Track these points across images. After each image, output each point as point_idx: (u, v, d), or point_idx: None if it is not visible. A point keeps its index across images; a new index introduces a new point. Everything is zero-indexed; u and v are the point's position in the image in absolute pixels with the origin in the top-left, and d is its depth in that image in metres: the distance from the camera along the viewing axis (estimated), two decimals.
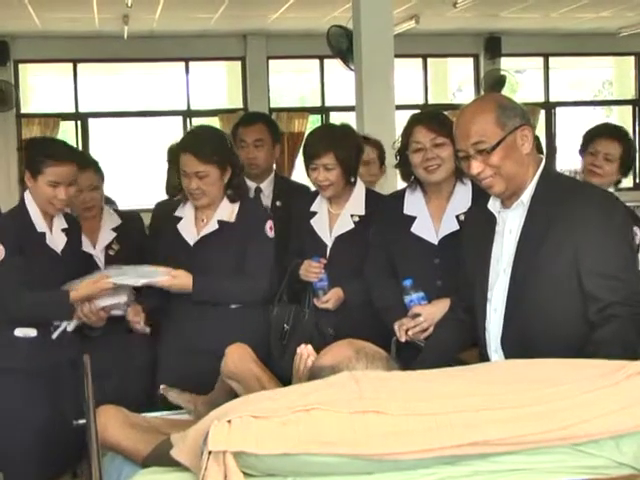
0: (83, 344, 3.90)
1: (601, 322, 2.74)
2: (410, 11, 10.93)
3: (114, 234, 4.42)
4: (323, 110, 13.38)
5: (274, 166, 5.17)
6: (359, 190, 4.15)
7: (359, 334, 3.48)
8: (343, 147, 4.02)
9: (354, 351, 2.60)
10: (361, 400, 2.02)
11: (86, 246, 4.29)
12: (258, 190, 4.96)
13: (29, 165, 3.84)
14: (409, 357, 3.30)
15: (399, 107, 7.55)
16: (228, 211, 3.95)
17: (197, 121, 13.25)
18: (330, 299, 4.00)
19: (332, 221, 4.14)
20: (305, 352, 2.91)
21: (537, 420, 2.07)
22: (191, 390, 3.53)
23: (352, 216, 4.09)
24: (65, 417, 2.86)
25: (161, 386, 3.61)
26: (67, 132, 12.66)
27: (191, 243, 3.93)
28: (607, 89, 16.09)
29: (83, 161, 4.19)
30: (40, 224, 3.86)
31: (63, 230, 3.96)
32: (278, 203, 4.96)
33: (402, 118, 4.29)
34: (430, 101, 13.69)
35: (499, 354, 2.95)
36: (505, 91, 13.32)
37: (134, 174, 13.19)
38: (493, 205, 3.03)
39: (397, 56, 7.35)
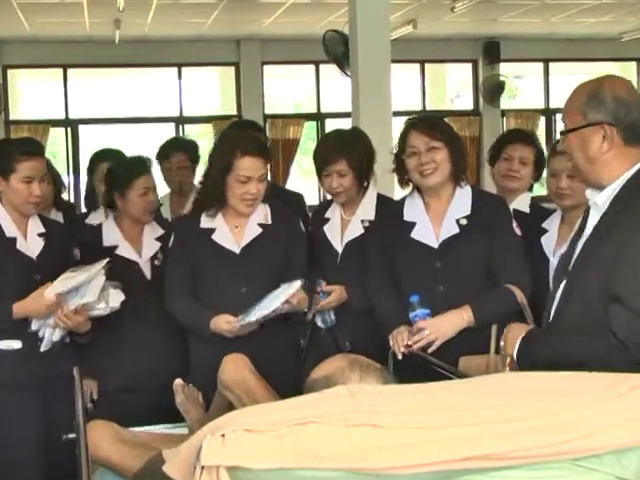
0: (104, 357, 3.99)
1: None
2: (407, 16, 10.96)
3: (158, 244, 4.31)
4: (319, 116, 13.40)
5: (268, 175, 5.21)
6: (370, 195, 4.19)
7: (375, 347, 3.61)
8: (355, 152, 4.06)
9: (348, 362, 2.61)
10: (357, 413, 2.01)
11: (132, 255, 4.26)
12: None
13: None
14: (406, 370, 3.31)
15: (396, 114, 7.57)
16: (263, 213, 3.95)
17: (190, 128, 13.28)
18: (332, 301, 4.04)
19: (344, 227, 4.17)
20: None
21: (538, 434, 2.06)
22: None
23: (362, 221, 4.12)
24: (59, 432, 2.86)
25: (176, 380, 3.57)
26: (57, 139, 12.68)
27: (237, 251, 3.89)
28: None
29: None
30: (10, 229, 3.83)
31: (40, 235, 3.92)
32: None
33: (399, 125, 4.32)
34: (428, 107, 13.74)
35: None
36: (504, 97, 13.36)
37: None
38: (590, 192, 2.84)
39: (394, 61, 7.37)
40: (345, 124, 8.58)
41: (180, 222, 4.15)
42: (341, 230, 4.19)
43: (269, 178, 5.11)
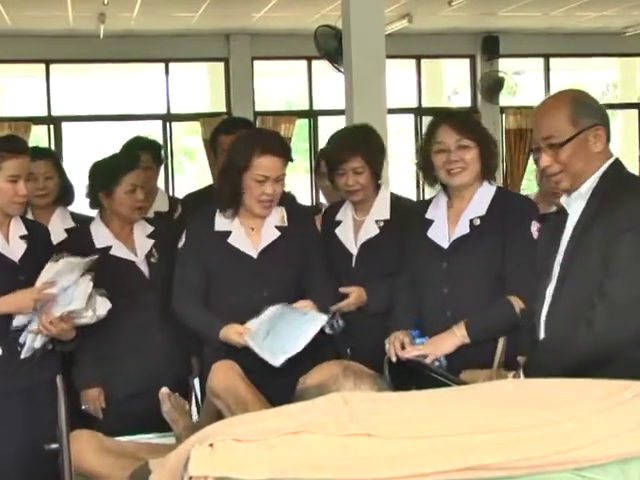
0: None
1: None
2: (402, 9, 10.95)
3: (151, 241, 4.34)
4: (311, 114, 13.39)
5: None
6: (384, 194, 4.19)
7: (376, 354, 3.63)
8: (370, 148, 4.07)
9: (341, 369, 2.62)
10: (351, 422, 2.01)
11: (128, 255, 4.26)
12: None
13: None
14: (402, 376, 3.32)
15: (391, 111, 7.57)
16: (279, 215, 3.96)
17: (177, 126, 13.26)
18: (351, 302, 4.04)
19: (357, 228, 4.17)
20: None
21: (538, 443, 2.07)
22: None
23: (377, 221, 4.12)
24: (42, 442, 2.86)
25: (162, 389, 3.57)
26: (39, 137, 12.64)
27: (254, 255, 3.89)
28: (611, 92, 16.14)
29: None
30: None
31: (22, 237, 3.92)
32: None
33: (394, 122, 4.32)
34: (424, 104, 13.72)
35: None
36: (503, 94, 13.37)
37: None
38: (564, 199, 3.17)
39: (389, 57, 7.37)
40: (338, 122, 8.59)
41: (193, 222, 4.10)
42: (354, 231, 4.19)
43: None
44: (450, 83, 15.14)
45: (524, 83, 14.47)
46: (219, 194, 3.95)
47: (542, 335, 3.10)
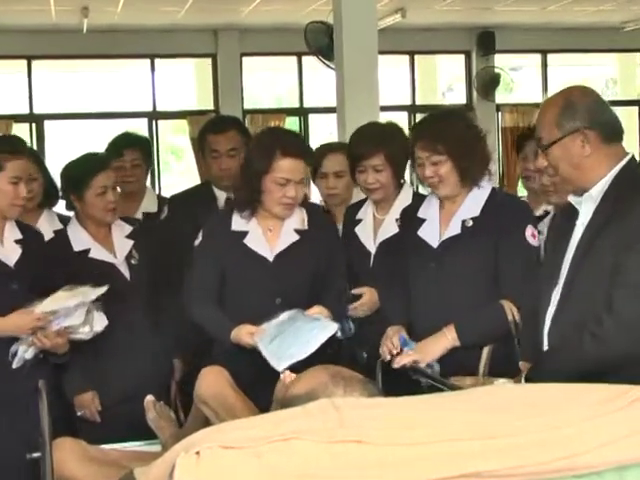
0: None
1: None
2: (396, 4, 10.97)
3: (130, 242, 4.32)
4: (301, 112, 13.40)
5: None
6: (406, 192, 4.19)
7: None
8: (393, 146, 4.06)
9: (330, 376, 2.60)
10: (342, 429, 2.01)
11: (107, 257, 4.25)
12: (229, 201, 4.95)
13: None
14: (395, 381, 3.32)
15: (384, 108, 7.58)
16: (299, 218, 3.93)
17: (164, 124, 13.26)
18: (365, 303, 4.05)
19: (377, 227, 4.17)
20: (289, 378, 2.90)
21: (535, 450, 2.07)
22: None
23: (397, 220, 4.11)
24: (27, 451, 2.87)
25: (147, 397, 3.56)
26: (21, 135, 12.61)
27: (270, 258, 3.88)
28: (610, 88, 16.18)
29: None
30: None
31: (17, 242, 3.92)
32: None
33: (387, 120, 4.32)
34: (418, 102, 13.74)
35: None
36: (499, 91, 13.38)
37: None
38: (573, 197, 3.18)
39: (381, 53, 7.37)
40: (330, 119, 8.59)
41: (209, 221, 4.10)
42: (374, 230, 4.20)
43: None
44: (445, 80, 15.16)
45: (521, 79, 14.50)
46: (237, 195, 3.94)
47: (546, 341, 3.11)
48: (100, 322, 3.87)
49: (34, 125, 12.58)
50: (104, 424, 4.14)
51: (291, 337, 3.55)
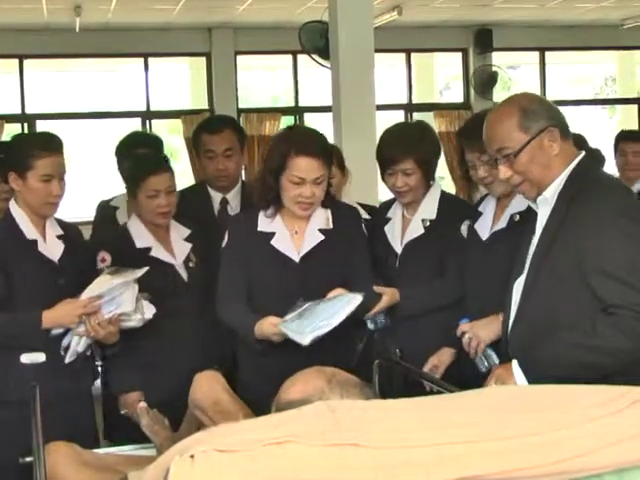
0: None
1: (602, 318, 2.90)
2: (392, 1, 10.97)
3: (189, 245, 4.34)
4: (297, 111, 13.40)
5: (243, 175, 5.19)
6: (433, 193, 4.21)
7: (426, 354, 3.93)
8: (423, 150, 4.09)
9: (326, 381, 2.60)
10: (338, 432, 2.02)
11: (168, 257, 4.27)
12: (224, 202, 4.95)
13: (14, 165, 3.82)
14: (392, 383, 3.33)
15: (380, 107, 7.57)
16: (324, 218, 3.93)
17: (157, 123, 13.25)
18: (384, 304, 4.04)
19: (405, 227, 4.23)
20: None
21: (532, 453, 2.07)
22: None
23: (423, 221, 4.14)
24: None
25: (140, 403, 3.56)
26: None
27: (297, 259, 3.88)
28: (610, 86, 16.22)
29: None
30: (30, 231, 3.85)
31: (59, 237, 3.95)
32: None
33: (383, 119, 4.33)
34: (415, 100, 13.75)
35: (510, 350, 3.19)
36: (497, 89, 13.39)
37: (89, 182, 13.15)
38: (531, 203, 3.24)
39: (378, 51, 7.37)
40: (325, 119, 8.58)
41: (236, 221, 4.14)
42: (402, 230, 4.23)
43: (242, 178, 5.15)
44: (442, 78, 15.18)
45: (519, 78, 14.52)
46: (255, 194, 3.97)
47: (509, 334, 3.20)
48: (149, 310, 3.91)
49: (26, 125, 12.57)
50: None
51: (315, 314, 3.55)
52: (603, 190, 3.04)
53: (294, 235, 3.89)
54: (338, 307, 3.54)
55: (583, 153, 3.13)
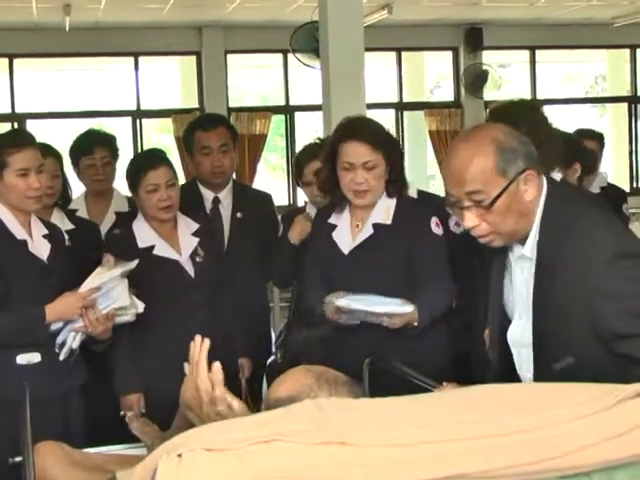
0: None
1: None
2: (382, 0, 10.98)
3: (196, 239, 4.35)
4: (287, 110, 13.40)
5: (234, 174, 5.21)
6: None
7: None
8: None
9: (314, 379, 2.59)
10: (325, 430, 2.01)
11: (172, 254, 4.28)
12: (216, 201, 4.96)
13: None
14: (381, 381, 3.33)
15: (371, 106, 7.58)
16: (384, 212, 3.95)
17: (147, 122, 13.24)
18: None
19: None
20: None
21: (522, 450, 2.07)
22: None
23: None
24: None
25: (129, 413, 3.57)
26: None
27: (345, 252, 3.93)
28: (600, 85, 16.26)
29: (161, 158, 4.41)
30: (19, 232, 3.84)
31: (45, 236, 3.94)
32: (239, 215, 4.97)
33: (374, 118, 4.32)
34: (405, 99, 13.76)
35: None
36: (488, 87, 13.41)
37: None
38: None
39: (368, 49, 7.36)
40: (316, 117, 8.59)
41: (318, 214, 4.26)
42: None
43: (233, 177, 5.16)
44: (432, 77, 15.19)
45: (509, 76, 14.53)
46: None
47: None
48: (140, 304, 3.94)
49: (16, 125, 12.54)
50: None
51: (367, 300, 3.69)
52: (576, 230, 2.63)
53: (355, 228, 3.93)
54: (386, 302, 3.65)
55: (546, 187, 2.70)
